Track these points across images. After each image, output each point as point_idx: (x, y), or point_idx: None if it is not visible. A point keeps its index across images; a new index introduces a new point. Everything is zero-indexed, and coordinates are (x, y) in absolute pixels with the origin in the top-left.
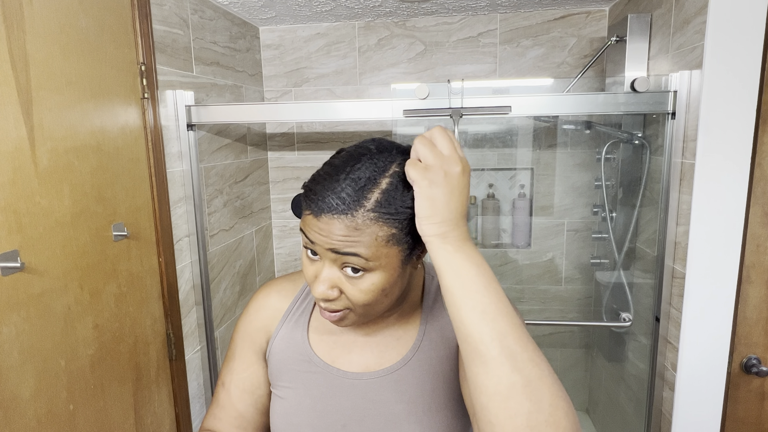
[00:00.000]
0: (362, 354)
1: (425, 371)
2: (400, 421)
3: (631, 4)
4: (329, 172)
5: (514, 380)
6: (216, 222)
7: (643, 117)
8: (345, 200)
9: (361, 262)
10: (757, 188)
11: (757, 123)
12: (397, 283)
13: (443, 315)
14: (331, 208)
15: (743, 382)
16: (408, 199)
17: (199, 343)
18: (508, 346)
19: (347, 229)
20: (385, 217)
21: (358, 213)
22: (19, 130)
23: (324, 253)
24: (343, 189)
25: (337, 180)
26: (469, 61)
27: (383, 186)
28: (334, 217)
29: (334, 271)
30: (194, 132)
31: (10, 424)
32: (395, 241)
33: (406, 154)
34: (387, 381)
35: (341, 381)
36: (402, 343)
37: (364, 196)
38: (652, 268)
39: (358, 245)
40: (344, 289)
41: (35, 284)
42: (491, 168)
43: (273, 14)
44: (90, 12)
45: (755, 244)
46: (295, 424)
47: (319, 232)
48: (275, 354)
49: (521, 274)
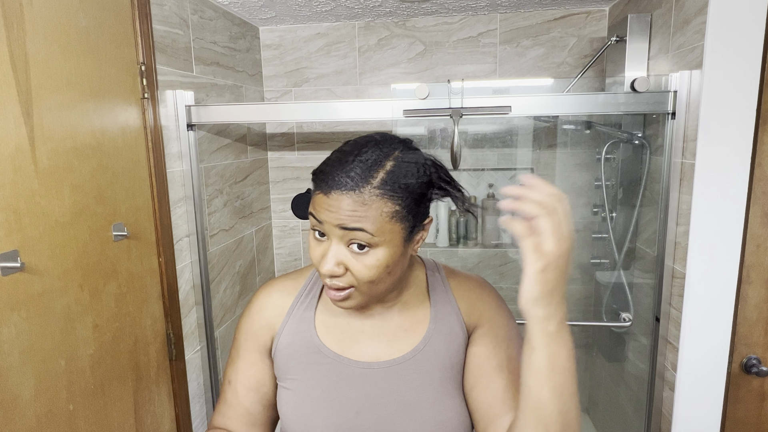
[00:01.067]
0: (371, 344)
1: (435, 361)
2: (411, 408)
3: (631, 4)
4: (339, 157)
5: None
6: (216, 222)
7: (643, 117)
8: (354, 178)
9: (366, 237)
10: (757, 188)
11: (757, 123)
12: (399, 261)
13: (452, 311)
14: (340, 185)
15: (743, 382)
16: (411, 178)
17: (199, 343)
18: (564, 420)
19: (355, 204)
20: (389, 193)
21: (365, 189)
22: (19, 130)
23: (332, 230)
24: (353, 168)
25: (347, 161)
26: (469, 61)
27: (388, 167)
28: (343, 193)
29: (341, 248)
30: (194, 132)
31: (10, 424)
32: (398, 218)
33: (406, 143)
34: (398, 370)
35: (352, 370)
36: (411, 334)
37: (371, 174)
38: (652, 268)
39: (364, 220)
40: (350, 266)
41: (35, 284)
42: (491, 168)
43: (273, 14)
44: (90, 12)
45: (755, 244)
46: (307, 414)
47: (328, 209)
48: (282, 350)
49: (521, 274)
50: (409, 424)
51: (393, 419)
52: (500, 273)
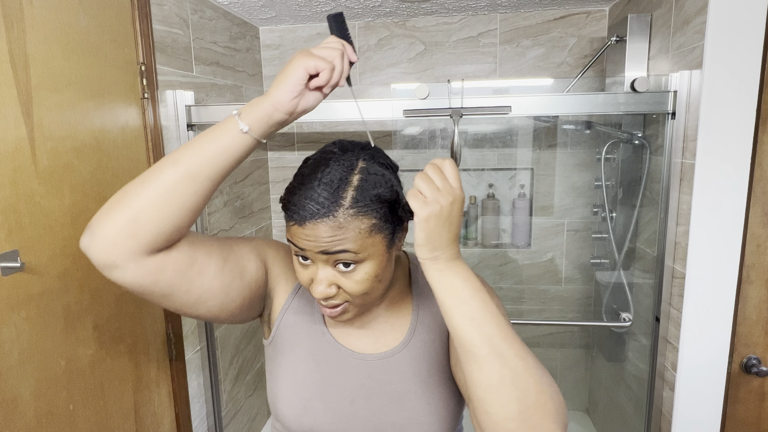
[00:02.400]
0: (360, 338)
1: (422, 352)
2: (402, 399)
3: (631, 4)
4: (302, 182)
5: (503, 374)
6: (216, 222)
7: (643, 117)
8: (324, 204)
9: (350, 256)
10: (757, 188)
11: (757, 123)
12: (387, 267)
13: (433, 302)
14: (313, 215)
15: (743, 382)
16: (380, 188)
17: (199, 343)
18: (495, 345)
19: (332, 229)
20: (363, 210)
21: (338, 212)
22: (19, 130)
23: (315, 256)
24: (320, 194)
25: (312, 187)
26: (469, 61)
27: (355, 183)
28: (317, 222)
29: (327, 271)
30: (194, 132)
31: (10, 424)
32: (377, 230)
33: (366, 149)
34: (389, 363)
35: (349, 360)
36: (397, 329)
37: (340, 196)
38: (652, 268)
39: (345, 242)
40: (341, 284)
41: (35, 284)
42: (491, 168)
43: (273, 14)
44: (90, 12)
45: (755, 244)
46: (306, 398)
47: (306, 239)
48: (288, 326)
49: (521, 274)
50: (400, 414)
51: (385, 409)
52: (500, 273)
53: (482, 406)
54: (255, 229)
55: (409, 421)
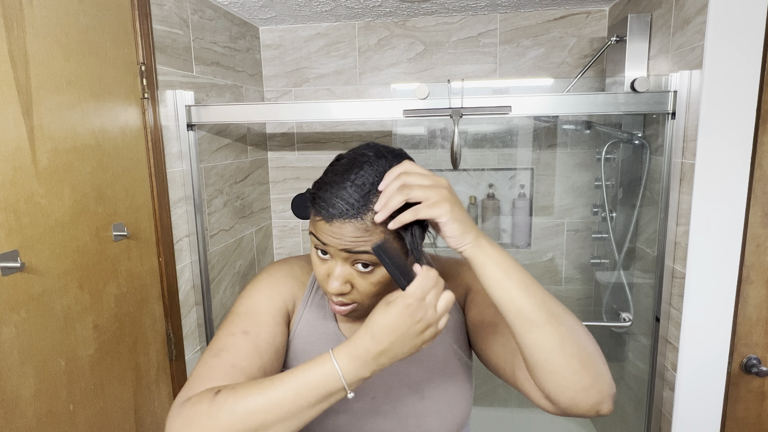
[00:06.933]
0: None
1: (437, 343)
2: (421, 389)
3: (631, 4)
4: (334, 179)
5: (562, 332)
6: (216, 222)
7: (643, 117)
8: (354, 205)
9: (371, 258)
10: (757, 188)
11: (757, 123)
12: None
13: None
14: (342, 214)
15: (743, 382)
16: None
17: (199, 343)
18: (548, 307)
19: (358, 230)
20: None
21: (367, 216)
22: (19, 130)
23: (336, 253)
24: (351, 195)
25: (344, 187)
26: (469, 61)
27: None
28: (345, 221)
29: (346, 268)
30: (194, 132)
31: (10, 424)
32: (400, 237)
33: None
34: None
35: None
36: None
37: (370, 200)
38: (652, 268)
39: (369, 244)
40: (355, 283)
41: (35, 284)
42: (491, 168)
43: (273, 14)
44: (90, 12)
45: (755, 244)
46: None
47: (331, 235)
48: (301, 337)
49: None
50: (420, 403)
51: (405, 400)
52: None
53: (548, 367)
54: (255, 229)
55: (427, 410)
